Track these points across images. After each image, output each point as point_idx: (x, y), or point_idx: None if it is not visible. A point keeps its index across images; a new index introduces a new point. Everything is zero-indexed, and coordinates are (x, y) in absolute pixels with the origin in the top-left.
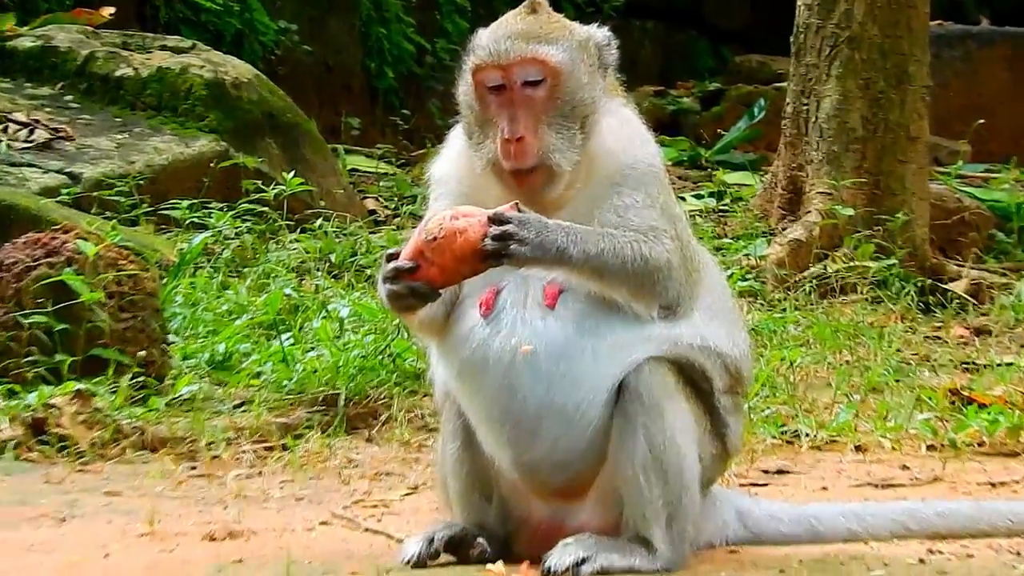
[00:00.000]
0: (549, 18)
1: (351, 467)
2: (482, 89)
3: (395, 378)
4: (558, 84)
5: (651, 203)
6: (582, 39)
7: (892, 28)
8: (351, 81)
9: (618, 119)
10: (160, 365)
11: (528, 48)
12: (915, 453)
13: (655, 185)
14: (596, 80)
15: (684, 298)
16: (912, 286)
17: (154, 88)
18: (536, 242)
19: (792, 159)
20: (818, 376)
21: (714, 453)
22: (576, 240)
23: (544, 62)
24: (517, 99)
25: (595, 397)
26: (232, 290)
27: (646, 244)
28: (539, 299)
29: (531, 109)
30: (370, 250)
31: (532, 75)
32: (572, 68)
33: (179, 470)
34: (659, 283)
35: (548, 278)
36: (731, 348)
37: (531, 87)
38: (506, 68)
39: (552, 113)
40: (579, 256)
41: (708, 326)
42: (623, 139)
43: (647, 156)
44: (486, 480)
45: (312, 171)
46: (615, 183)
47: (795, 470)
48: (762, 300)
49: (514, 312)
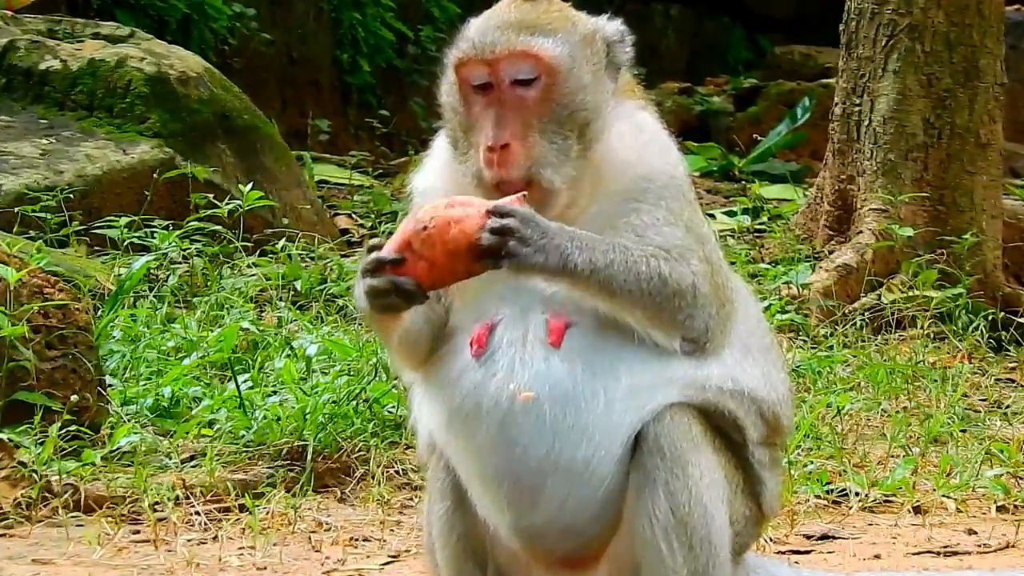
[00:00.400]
0: (549, 6)
1: (321, 531)
2: (466, 88)
3: (372, 427)
4: (554, 84)
5: (674, 220)
6: (587, 32)
7: (960, 14)
8: (319, 76)
9: (632, 124)
10: (95, 412)
11: (519, 40)
12: (983, 515)
13: (678, 200)
14: (602, 81)
15: (714, 332)
16: (982, 319)
17: (86, 84)
18: (540, 243)
19: (841, 169)
20: (870, 425)
21: (747, 515)
22: (583, 247)
23: (537, 57)
24: (505, 100)
25: (608, 451)
26: (179, 324)
27: (667, 263)
28: (541, 336)
29: (521, 112)
30: (342, 276)
31: (523, 72)
32: (572, 65)
33: (119, 534)
34: (680, 310)
35: (550, 312)
36: (768, 392)
37: (522, 86)
38: (492, 63)
39: (546, 118)
40: (584, 266)
41: (740, 365)
42: (637, 147)
43: (667, 166)
44: (481, 547)
45: (273, 183)
46: (630, 199)
47: (843, 535)
48: (805, 336)
49: (512, 352)
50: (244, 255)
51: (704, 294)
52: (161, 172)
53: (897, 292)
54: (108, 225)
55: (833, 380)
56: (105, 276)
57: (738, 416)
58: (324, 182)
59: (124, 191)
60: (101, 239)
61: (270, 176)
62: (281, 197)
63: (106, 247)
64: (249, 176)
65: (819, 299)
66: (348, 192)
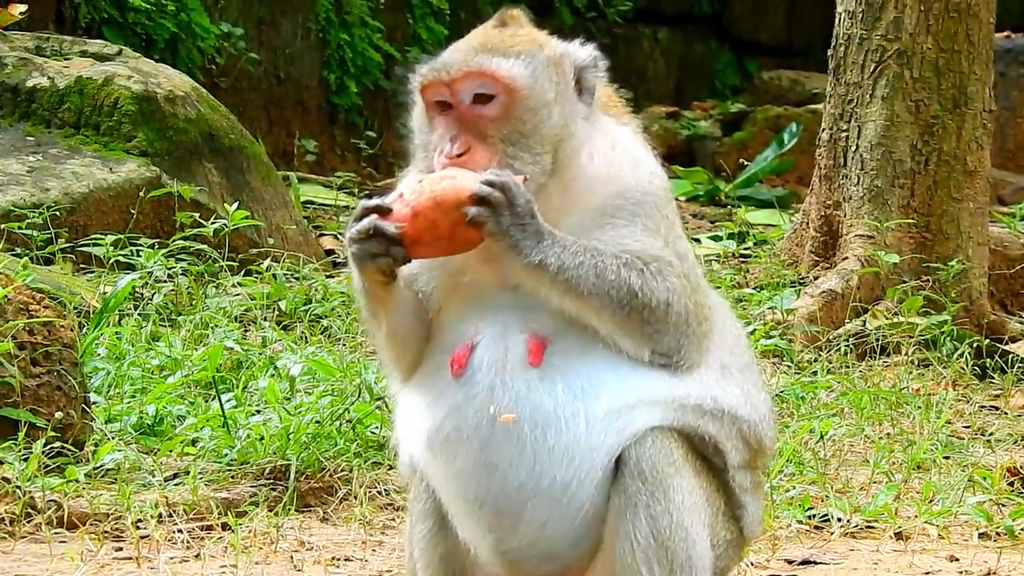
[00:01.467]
0: (517, 31)
1: (303, 551)
2: (431, 109)
3: (355, 448)
4: (512, 102)
5: (651, 235)
6: (553, 55)
7: (949, 41)
8: (306, 96)
9: (608, 140)
10: (79, 429)
11: (476, 60)
12: (965, 542)
13: (653, 216)
14: (570, 102)
15: (688, 350)
16: (967, 347)
17: (73, 101)
18: (525, 221)
19: (827, 195)
20: (853, 451)
21: (728, 539)
22: (555, 244)
23: (493, 76)
24: (464, 117)
25: (588, 473)
26: (164, 342)
27: (640, 275)
28: (521, 355)
29: (479, 128)
30: (327, 297)
31: (481, 89)
32: (533, 84)
33: (102, 551)
34: (648, 323)
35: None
36: (748, 411)
37: (481, 104)
38: (450, 84)
39: (504, 132)
40: (554, 264)
41: (719, 384)
42: (611, 163)
43: (642, 181)
44: (462, 569)
45: (259, 203)
46: (605, 215)
47: (824, 560)
48: (789, 361)
49: (492, 373)
50: (229, 275)
51: (677, 312)
52: (147, 191)
53: (882, 318)
54: (94, 243)
55: (817, 406)
56: (90, 294)
57: (719, 440)
58: (310, 202)
59: (110, 209)
60: (87, 257)
61: (256, 196)
62: (267, 217)
63: (92, 265)
64: (235, 196)
65: (803, 325)
66: (334, 213)
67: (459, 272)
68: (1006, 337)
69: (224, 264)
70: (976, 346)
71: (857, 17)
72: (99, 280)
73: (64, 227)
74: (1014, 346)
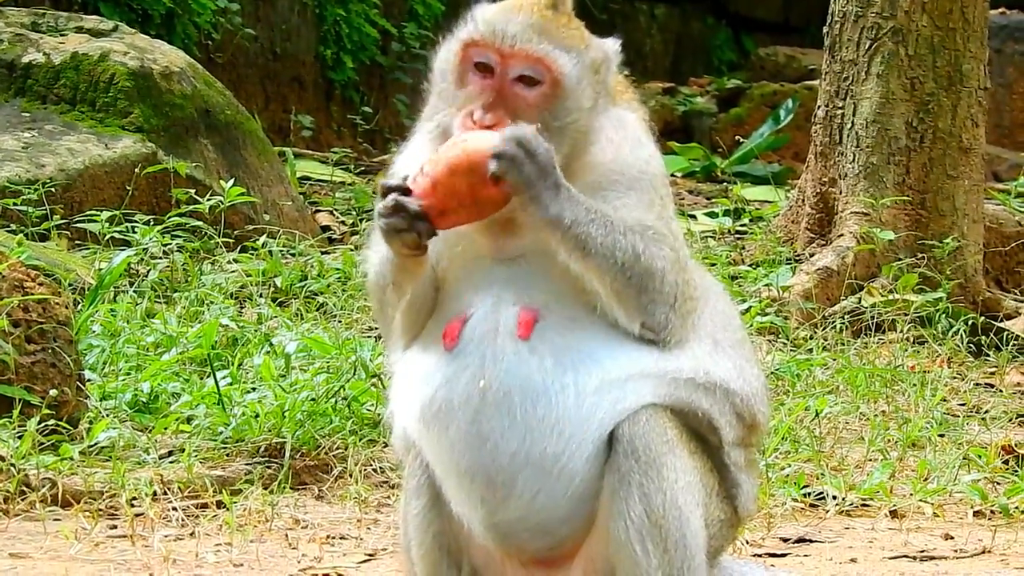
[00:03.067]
0: (570, 22)
1: (299, 529)
2: (467, 65)
3: (350, 425)
4: (554, 96)
5: (643, 208)
6: (596, 58)
7: (944, 18)
8: (302, 72)
9: (616, 126)
10: (74, 406)
11: (539, 44)
12: (960, 520)
13: (648, 193)
14: (598, 104)
15: (674, 326)
16: (962, 324)
17: (69, 78)
18: (548, 171)
19: (823, 172)
20: (849, 429)
21: (723, 518)
22: (571, 199)
23: (549, 67)
24: (504, 90)
25: (580, 446)
26: (159, 319)
27: (643, 241)
28: (512, 329)
29: (514, 107)
30: (322, 274)
31: (531, 72)
32: (576, 87)
33: (96, 529)
34: (646, 291)
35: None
36: (741, 385)
37: (524, 85)
38: (506, 55)
39: (535, 121)
40: (569, 218)
41: (712, 358)
42: (614, 144)
43: (638, 161)
44: (456, 545)
45: (255, 179)
46: (600, 189)
47: (819, 539)
48: (785, 338)
49: (483, 345)
50: (225, 251)
51: (670, 282)
52: (143, 167)
53: (877, 296)
54: (89, 219)
55: (812, 383)
56: (86, 270)
57: (712, 416)
58: (306, 178)
59: (106, 185)
60: (82, 233)
61: (252, 172)
62: (263, 193)
63: (87, 241)
64: (231, 172)
65: (799, 302)
66: (330, 189)
67: (453, 242)
68: (1001, 314)
69: (220, 240)
70: (971, 323)
71: None
72: (94, 257)
73: (59, 203)
74: (1009, 323)
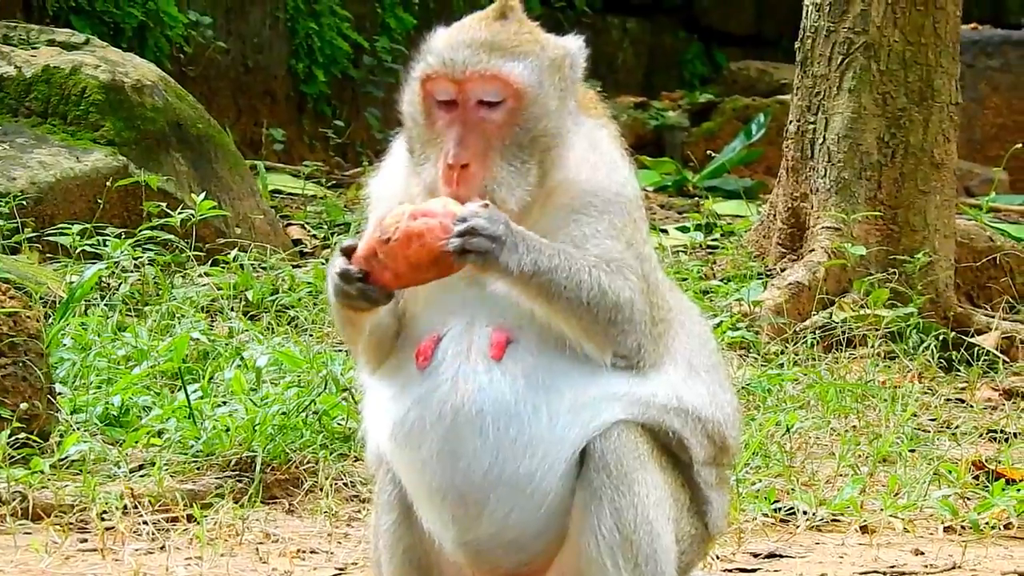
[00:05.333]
0: (520, 27)
1: (269, 543)
2: (430, 102)
3: (321, 439)
4: (519, 108)
5: (615, 234)
6: (556, 57)
7: (916, 33)
8: (274, 85)
9: (589, 143)
10: (45, 420)
11: (490, 63)
12: (931, 536)
13: (621, 217)
14: (566, 105)
15: (647, 351)
16: (933, 339)
17: (40, 91)
18: (508, 241)
19: (795, 187)
20: (819, 444)
21: (693, 533)
22: (530, 251)
23: (506, 81)
24: (469, 119)
25: (552, 465)
26: (130, 332)
27: (607, 275)
28: (484, 349)
29: (483, 133)
30: (293, 287)
31: (490, 95)
32: (539, 92)
33: (67, 543)
34: (616, 324)
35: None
36: (713, 411)
37: (487, 108)
38: (460, 83)
39: (508, 141)
40: (529, 269)
41: (686, 384)
42: (588, 166)
43: (613, 184)
44: (427, 560)
45: (226, 192)
46: (573, 211)
47: (789, 554)
48: (756, 353)
49: (456, 364)
50: (196, 264)
51: (639, 311)
52: (114, 180)
53: (848, 311)
54: (60, 232)
55: (783, 398)
56: (57, 283)
57: (683, 436)
58: (278, 192)
59: (77, 199)
60: (53, 246)
61: (223, 185)
62: (234, 207)
63: (58, 254)
64: (202, 185)
65: (770, 316)
66: (302, 202)
67: None
68: (972, 330)
69: (191, 254)
70: (942, 339)
71: (824, 10)
72: (65, 270)
73: (31, 216)
74: (980, 339)
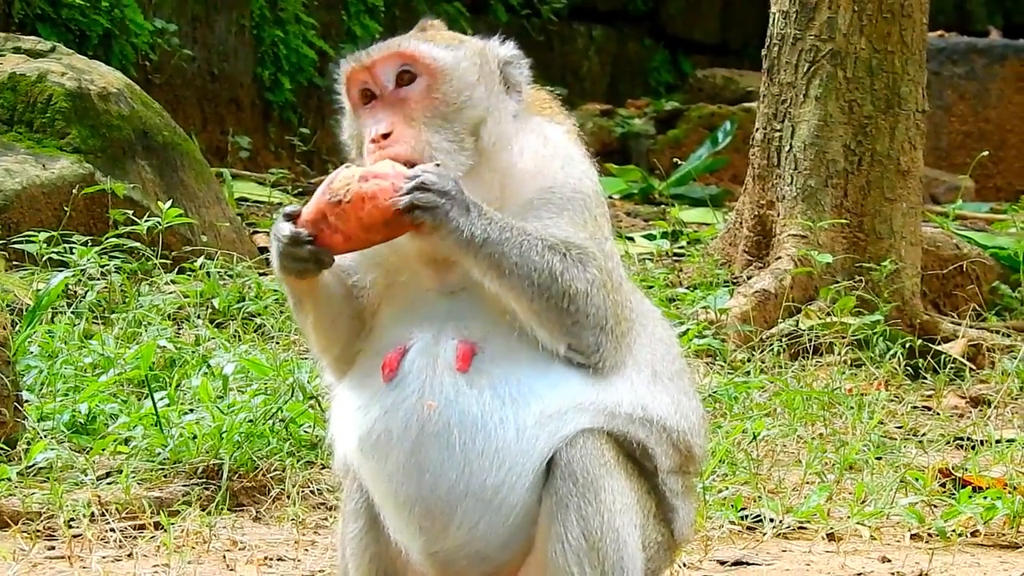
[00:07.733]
0: (440, 31)
1: (236, 550)
2: (357, 105)
3: (288, 447)
4: (436, 82)
5: (575, 227)
6: (475, 47)
7: (883, 41)
8: (240, 93)
9: (539, 137)
10: (11, 427)
11: (397, 44)
12: (898, 543)
13: (581, 213)
14: (494, 92)
15: (607, 350)
16: (899, 347)
17: (6, 98)
18: (459, 199)
19: (761, 194)
20: (786, 452)
21: (660, 541)
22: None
23: (413, 56)
24: (388, 100)
25: (519, 477)
26: (97, 340)
27: (562, 261)
28: (451, 362)
29: (403, 108)
30: (260, 295)
31: (402, 67)
32: (455, 65)
33: (34, 550)
34: (568, 313)
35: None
36: (678, 420)
37: (404, 86)
38: (371, 67)
39: (429, 114)
40: (480, 236)
41: (650, 392)
42: (542, 160)
43: (571, 178)
44: (394, 569)
45: (193, 200)
46: (531, 208)
47: (756, 561)
48: (722, 361)
49: (422, 377)
50: (163, 272)
51: (596, 305)
52: (80, 188)
53: (815, 318)
54: (27, 240)
55: (749, 406)
56: (23, 291)
57: (648, 445)
58: (244, 200)
59: (43, 206)
60: (20, 254)
61: (189, 193)
62: (200, 214)
63: (25, 262)
64: (169, 193)
65: (736, 324)
66: (268, 210)
67: (395, 271)
68: (938, 337)
69: (157, 262)
70: (908, 346)
71: (791, 17)
72: (32, 277)
73: None
74: (946, 346)
